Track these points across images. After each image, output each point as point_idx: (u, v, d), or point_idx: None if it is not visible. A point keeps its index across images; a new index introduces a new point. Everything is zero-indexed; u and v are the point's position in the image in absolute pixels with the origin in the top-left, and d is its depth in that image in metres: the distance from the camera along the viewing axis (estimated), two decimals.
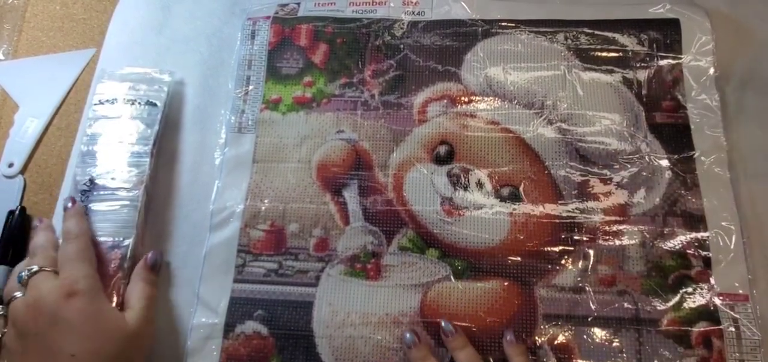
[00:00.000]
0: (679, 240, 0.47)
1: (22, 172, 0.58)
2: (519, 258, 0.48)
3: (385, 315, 0.47)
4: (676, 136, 0.50)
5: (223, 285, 0.50)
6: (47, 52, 0.64)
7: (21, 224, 0.54)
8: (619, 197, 0.49)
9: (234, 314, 0.48)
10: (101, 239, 0.50)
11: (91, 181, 0.53)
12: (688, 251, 0.47)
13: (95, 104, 0.56)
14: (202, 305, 0.49)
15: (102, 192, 0.52)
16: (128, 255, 0.50)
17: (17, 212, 0.55)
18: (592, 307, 0.46)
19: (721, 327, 0.44)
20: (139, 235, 0.52)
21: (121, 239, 0.51)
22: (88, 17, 0.65)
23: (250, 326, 0.48)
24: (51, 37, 0.65)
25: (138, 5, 0.64)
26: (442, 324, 0.45)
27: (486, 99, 0.54)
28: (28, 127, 0.60)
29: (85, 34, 0.64)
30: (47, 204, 0.53)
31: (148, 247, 0.53)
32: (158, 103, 0.56)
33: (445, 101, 0.54)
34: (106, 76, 0.58)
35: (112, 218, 0.51)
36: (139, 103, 0.56)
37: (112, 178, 0.53)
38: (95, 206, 0.52)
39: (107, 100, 0.56)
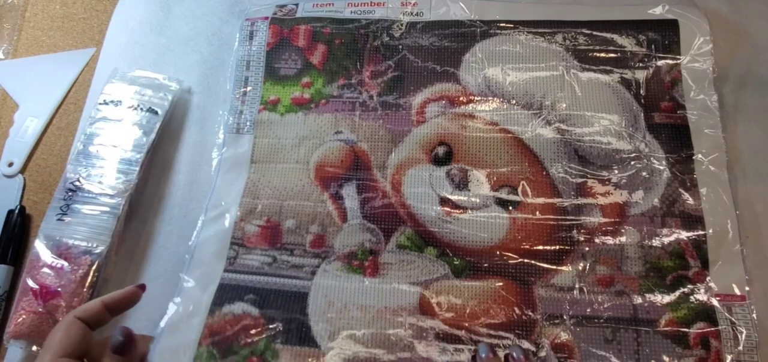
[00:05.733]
0: (678, 240, 0.47)
1: (22, 171, 0.58)
2: (518, 258, 0.48)
3: (384, 308, 0.46)
4: (674, 136, 0.50)
5: (213, 272, 0.49)
6: (47, 51, 0.64)
7: (21, 224, 0.55)
8: (618, 197, 0.49)
9: (222, 297, 0.47)
10: (74, 242, 0.50)
11: (79, 181, 0.53)
12: (686, 251, 0.47)
13: (100, 103, 0.57)
14: (186, 289, 0.47)
15: (86, 195, 0.52)
16: (97, 264, 0.50)
17: (17, 212, 0.55)
18: (591, 307, 0.46)
19: (718, 327, 0.44)
20: (113, 244, 0.51)
21: (95, 245, 0.50)
22: (88, 17, 0.65)
23: (240, 306, 0.47)
24: (51, 37, 0.65)
25: (138, 5, 0.64)
26: (479, 348, 0.44)
27: (485, 99, 0.54)
28: (28, 126, 0.60)
29: (85, 34, 0.65)
30: (47, 204, 0.53)
31: (124, 256, 0.52)
32: (159, 111, 0.56)
33: (444, 102, 0.54)
34: (117, 77, 0.58)
35: (91, 223, 0.51)
36: (142, 109, 0.56)
37: (99, 182, 0.53)
38: (77, 207, 0.52)
39: (112, 101, 0.57)
